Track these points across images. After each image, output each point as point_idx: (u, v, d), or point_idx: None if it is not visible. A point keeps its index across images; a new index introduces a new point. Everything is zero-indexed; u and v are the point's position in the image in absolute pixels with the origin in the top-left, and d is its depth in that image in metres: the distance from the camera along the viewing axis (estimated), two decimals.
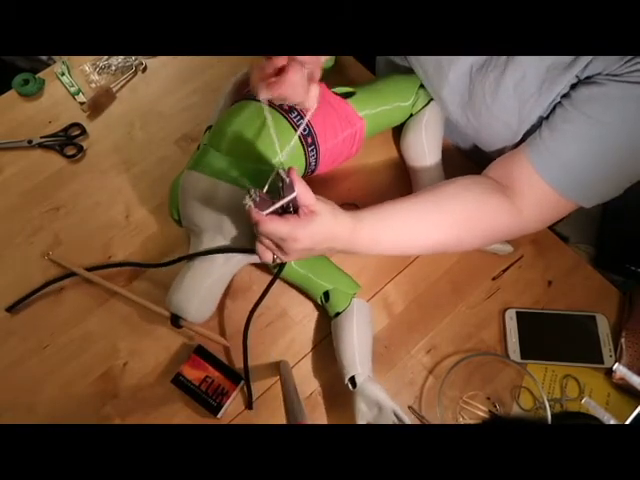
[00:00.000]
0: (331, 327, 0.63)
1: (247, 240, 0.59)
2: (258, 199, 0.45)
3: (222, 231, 0.59)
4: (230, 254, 0.61)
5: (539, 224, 0.60)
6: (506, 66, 0.57)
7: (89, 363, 0.65)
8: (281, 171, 0.45)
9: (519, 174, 0.57)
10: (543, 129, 0.56)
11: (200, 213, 0.60)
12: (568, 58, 0.53)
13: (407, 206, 0.57)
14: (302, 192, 0.46)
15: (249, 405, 0.62)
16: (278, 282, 0.67)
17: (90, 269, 0.68)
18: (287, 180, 0.45)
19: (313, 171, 0.66)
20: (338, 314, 0.62)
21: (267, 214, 0.46)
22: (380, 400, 0.56)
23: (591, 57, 0.51)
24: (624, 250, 0.79)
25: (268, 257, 0.51)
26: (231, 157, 0.60)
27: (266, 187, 0.48)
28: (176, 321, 0.61)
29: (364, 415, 0.57)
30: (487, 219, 0.58)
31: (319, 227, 0.48)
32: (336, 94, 0.67)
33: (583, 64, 0.52)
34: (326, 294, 0.63)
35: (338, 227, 0.50)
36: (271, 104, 0.60)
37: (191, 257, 0.61)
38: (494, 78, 0.58)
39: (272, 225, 0.46)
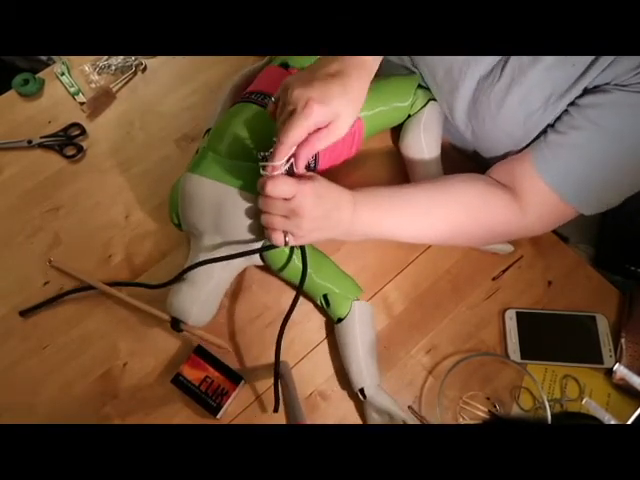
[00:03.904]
0: (334, 332, 0.63)
1: (248, 241, 0.59)
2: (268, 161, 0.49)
3: (222, 232, 0.59)
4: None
5: (541, 227, 0.60)
6: (512, 79, 0.56)
7: (89, 363, 0.65)
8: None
9: (521, 175, 0.57)
10: (549, 134, 0.56)
11: (200, 215, 0.60)
12: (575, 74, 0.52)
13: (410, 190, 0.58)
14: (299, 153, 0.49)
15: (275, 409, 0.60)
16: (278, 282, 0.68)
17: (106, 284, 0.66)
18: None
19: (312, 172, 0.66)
20: (340, 320, 0.62)
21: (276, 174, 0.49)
22: (390, 410, 0.58)
23: (598, 73, 0.51)
24: (624, 250, 0.78)
25: (279, 239, 0.52)
26: (230, 159, 0.59)
27: (268, 152, 0.50)
28: (176, 325, 0.61)
29: (376, 422, 0.59)
30: (490, 211, 0.58)
31: (322, 186, 0.51)
32: None
33: (590, 78, 0.51)
34: (326, 299, 0.63)
35: (342, 193, 0.53)
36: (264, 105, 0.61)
37: (191, 269, 0.59)
38: (499, 89, 0.58)
39: (281, 181, 0.48)
